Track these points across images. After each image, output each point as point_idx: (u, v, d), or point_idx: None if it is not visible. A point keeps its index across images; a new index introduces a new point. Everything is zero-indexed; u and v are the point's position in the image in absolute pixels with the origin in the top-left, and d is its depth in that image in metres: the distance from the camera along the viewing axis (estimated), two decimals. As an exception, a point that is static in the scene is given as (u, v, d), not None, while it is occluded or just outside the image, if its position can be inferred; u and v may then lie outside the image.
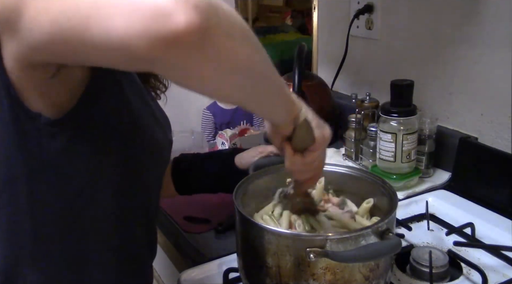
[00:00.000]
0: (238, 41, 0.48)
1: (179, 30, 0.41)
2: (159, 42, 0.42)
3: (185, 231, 1.03)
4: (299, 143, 0.70)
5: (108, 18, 0.43)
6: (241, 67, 0.50)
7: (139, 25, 0.42)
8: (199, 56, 0.44)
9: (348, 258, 0.65)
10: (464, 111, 1.20)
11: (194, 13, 0.42)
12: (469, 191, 1.12)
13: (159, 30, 0.41)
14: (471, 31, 1.15)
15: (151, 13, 0.41)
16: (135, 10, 0.42)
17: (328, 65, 1.64)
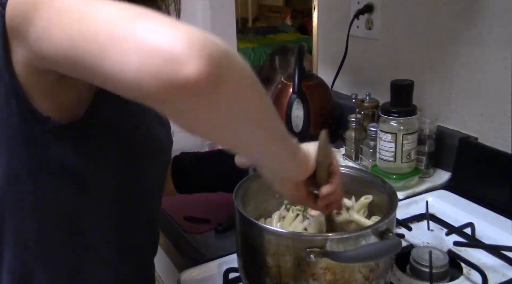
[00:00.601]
0: (249, 91, 0.48)
1: (189, 78, 0.42)
2: (169, 87, 0.42)
3: (185, 231, 1.03)
4: (325, 166, 0.67)
5: (125, 53, 0.43)
6: (251, 116, 0.50)
7: (153, 68, 0.42)
8: (208, 103, 0.44)
9: (348, 258, 0.65)
10: (464, 111, 1.20)
11: (207, 62, 0.42)
12: (469, 191, 1.12)
13: (171, 76, 0.42)
14: (471, 31, 1.15)
15: (166, 57, 0.42)
16: (151, 52, 0.42)
17: (328, 65, 1.64)
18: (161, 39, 0.42)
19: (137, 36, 0.43)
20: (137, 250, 0.78)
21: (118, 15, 0.45)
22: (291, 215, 0.83)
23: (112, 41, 0.44)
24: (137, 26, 0.43)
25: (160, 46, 0.42)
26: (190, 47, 0.42)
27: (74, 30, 0.46)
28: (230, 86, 0.45)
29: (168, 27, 0.43)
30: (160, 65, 0.42)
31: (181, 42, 0.42)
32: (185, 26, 0.43)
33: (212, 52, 0.42)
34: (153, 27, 0.43)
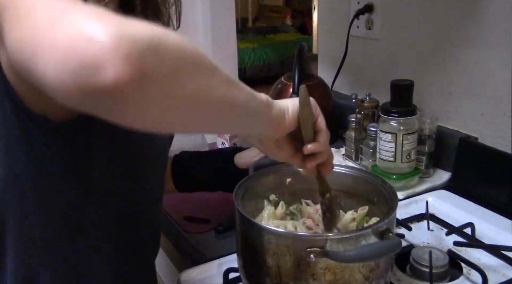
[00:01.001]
0: (186, 75, 0.44)
1: (109, 84, 0.38)
2: (88, 95, 0.39)
3: (185, 231, 1.03)
4: (310, 122, 0.64)
5: (44, 63, 0.40)
6: (195, 99, 0.46)
7: (68, 76, 0.39)
8: (139, 103, 0.41)
9: (348, 258, 0.65)
10: (464, 111, 1.20)
11: (125, 65, 0.38)
12: (469, 191, 1.12)
13: (88, 83, 0.39)
14: (471, 31, 1.15)
15: (80, 64, 0.38)
16: (65, 58, 0.39)
17: (328, 65, 1.64)
18: (73, 41, 0.39)
19: (53, 40, 0.40)
20: (138, 249, 0.79)
21: (46, 14, 0.42)
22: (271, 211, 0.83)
23: (35, 48, 0.41)
24: (57, 28, 0.40)
25: (72, 51, 0.39)
26: (104, 49, 0.38)
27: (17, 36, 0.44)
28: (159, 77, 0.41)
29: (86, 26, 0.39)
30: (74, 73, 0.39)
31: (94, 43, 0.38)
32: (104, 20, 0.40)
33: (131, 50, 0.39)
34: (70, 26, 0.40)
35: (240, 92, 0.53)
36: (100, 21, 0.39)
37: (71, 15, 0.41)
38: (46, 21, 0.41)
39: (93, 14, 0.41)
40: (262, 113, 0.59)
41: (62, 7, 0.42)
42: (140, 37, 0.40)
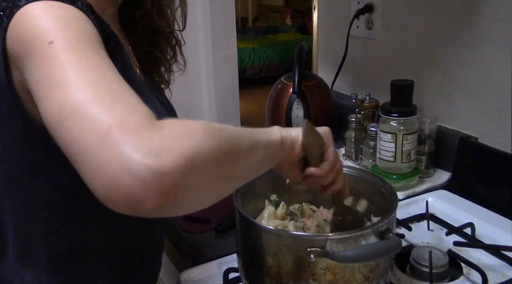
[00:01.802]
0: (216, 175, 0.51)
1: (150, 212, 0.45)
2: (135, 214, 0.46)
3: (185, 231, 1.03)
4: (315, 150, 0.70)
5: (91, 178, 0.46)
6: (224, 182, 0.54)
7: (116, 201, 0.45)
8: (173, 211, 0.48)
9: (348, 258, 0.65)
10: (464, 111, 1.20)
11: (163, 198, 0.45)
12: (469, 191, 1.12)
13: (132, 211, 0.46)
14: (471, 31, 1.15)
15: (126, 196, 0.44)
16: (112, 189, 0.45)
17: (328, 65, 1.64)
18: (120, 177, 0.44)
19: (100, 166, 0.45)
20: (140, 246, 0.78)
21: (90, 125, 0.46)
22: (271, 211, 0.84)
23: (82, 159, 0.47)
24: (102, 151, 0.45)
25: (119, 184, 0.44)
26: (147, 188, 0.44)
27: (53, 122, 0.49)
28: (192, 193, 0.48)
29: (128, 158, 0.44)
30: (121, 202, 0.45)
31: (138, 182, 0.44)
32: (146, 149, 0.45)
33: (168, 188, 0.45)
34: (115, 155, 0.45)
35: (261, 149, 0.60)
36: (141, 152, 0.44)
37: (114, 135, 0.45)
38: (90, 130, 0.46)
39: (133, 136, 0.45)
40: (279, 154, 0.67)
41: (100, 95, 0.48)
42: (176, 170, 0.45)
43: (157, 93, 0.80)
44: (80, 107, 0.47)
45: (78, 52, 0.51)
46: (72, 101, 0.48)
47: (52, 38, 0.51)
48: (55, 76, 0.50)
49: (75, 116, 0.47)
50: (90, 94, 0.48)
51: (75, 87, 0.49)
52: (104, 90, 0.49)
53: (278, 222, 0.81)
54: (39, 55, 0.51)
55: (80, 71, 0.50)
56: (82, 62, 0.51)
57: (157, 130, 0.46)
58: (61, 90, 0.49)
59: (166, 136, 0.46)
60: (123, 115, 0.47)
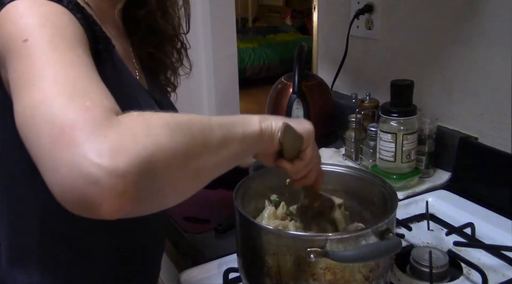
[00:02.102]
0: (181, 172, 0.49)
1: (108, 215, 0.44)
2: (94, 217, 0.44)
3: (185, 231, 1.03)
4: (291, 149, 0.69)
5: (47, 178, 0.45)
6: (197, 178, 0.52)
7: (73, 205, 0.44)
8: (138, 212, 0.46)
9: (348, 258, 0.65)
10: (464, 111, 1.20)
11: (119, 202, 0.43)
12: (469, 191, 1.12)
13: (90, 213, 0.44)
14: (471, 31, 1.15)
15: (80, 199, 0.43)
16: (67, 191, 0.43)
17: (328, 65, 1.64)
18: (73, 179, 0.42)
19: (54, 167, 0.44)
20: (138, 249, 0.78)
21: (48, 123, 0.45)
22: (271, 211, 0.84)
23: (39, 158, 0.45)
24: (56, 152, 0.44)
25: (73, 187, 0.43)
26: (101, 191, 0.42)
27: (20, 120, 0.48)
28: (156, 193, 0.46)
29: (81, 159, 0.43)
30: (77, 205, 0.44)
31: (91, 184, 0.42)
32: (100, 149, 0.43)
33: (123, 189, 0.43)
34: (69, 157, 0.43)
35: (233, 147, 0.57)
36: (95, 150, 0.43)
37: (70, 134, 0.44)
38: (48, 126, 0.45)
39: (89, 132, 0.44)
40: (256, 146, 0.63)
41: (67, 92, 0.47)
42: (131, 170, 0.43)
43: (158, 96, 0.80)
44: (39, 108, 0.47)
45: (51, 50, 0.50)
46: (33, 102, 0.47)
47: (27, 36, 0.51)
48: (25, 76, 0.49)
49: (34, 117, 0.47)
50: (51, 93, 0.47)
51: (39, 87, 0.48)
52: (67, 88, 0.47)
53: (278, 222, 0.81)
54: (15, 54, 0.51)
55: (47, 70, 0.49)
56: (53, 60, 0.50)
57: (114, 127, 0.45)
58: (26, 90, 0.49)
59: (123, 134, 0.44)
60: (79, 113, 0.45)
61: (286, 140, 0.67)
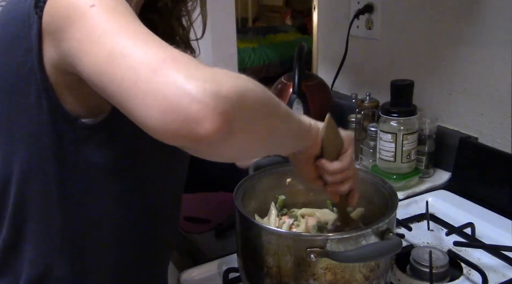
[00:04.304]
0: (261, 121, 0.54)
1: (205, 136, 0.47)
2: (188, 141, 0.48)
3: (185, 231, 1.03)
4: (332, 146, 0.70)
5: (146, 107, 0.47)
6: (264, 137, 0.56)
7: (173, 126, 0.46)
8: (223, 147, 0.50)
9: (349, 258, 0.65)
10: (464, 111, 1.20)
11: (220, 120, 0.46)
12: (469, 191, 1.12)
13: (188, 133, 0.47)
14: (471, 31, 1.15)
15: (184, 118, 0.46)
16: (170, 111, 0.46)
17: (328, 65, 1.64)
18: (178, 97, 0.46)
19: (156, 92, 0.46)
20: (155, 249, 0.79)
21: (144, 61, 0.48)
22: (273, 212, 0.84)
23: (135, 91, 0.48)
24: (160, 80, 0.47)
25: (177, 106, 0.46)
26: (205, 108, 0.46)
27: (102, 68, 0.50)
28: (242, 130, 0.50)
29: (186, 82, 0.46)
30: (178, 124, 0.46)
31: (196, 102, 0.46)
32: (202, 77, 0.47)
33: (224, 108, 0.46)
34: (173, 81, 0.46)
35: (295, 121, 0.63)
36: (198, 78, 0.47)
37: (169, 65, 0.47)
38: (141, 64, 0.48)
39: (187, 66, 0.48)
40: (307, 137, 0.68)
41: (147, 41, 0.51)
42: (231, 95, 0.47)
43: None
44: (131, 48, 0.49)
45: (118, 14, 0.53)
46: (122, 45, 0.50)
47: (93, 2, 0.53)
48: (98, 30, 0.52)
49: (126, 56, 0.49)
50: (138, 40, 0.50)
51: (122, 36, 0.51)
52: (150, 38, 0.51)
53: None
54: (81, 18, 0.53)
55: (124, 26, 0.52)
56: (122, 20, 0.53)
57: (206, 67, 0.49)
58: (107, 39, 0.51)
59: (217, 71, 0.49)
60: (172, 52, 0.49)
61: (328, 134, 0.69)
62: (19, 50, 0.60)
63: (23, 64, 0.60)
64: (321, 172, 0.72)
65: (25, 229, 0.67)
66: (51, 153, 0.63)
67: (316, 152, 0.70)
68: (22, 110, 0.63)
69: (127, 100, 0.49)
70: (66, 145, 0.63)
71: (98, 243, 0.71)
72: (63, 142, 0.63)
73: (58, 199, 0.66)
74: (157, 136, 0.48)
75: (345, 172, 0.72)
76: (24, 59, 0.60)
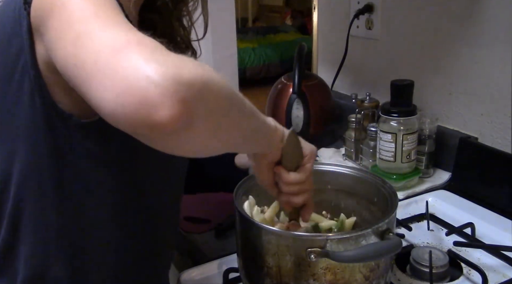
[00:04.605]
0: (223, 114, 0.51)
1: (163, 122, 0.44)
2: (144, 127, 0.45)
3: (185, 231, 1.03)
4: (291, 156, 0.71)
5: (104, 88, 0.45)
6: (225, 133, 0.53)
7: (128, 109, 0.44)
8: (181, 138, 0.47)
9: (349, 258, 0.65)
10: (464, 111, 1.20)
11: (179, 107, 0.44)
12: (469, 191, 1.12)
13: (145, 119, 0.44)
14: (471, 31, 1.15)
15: (140, 100, 0.43)
16: (126, 93, 0.44)
17: (328, 65, 1.64)
18: (136, 79, 0.44)
19: (114, 73, 0.45)
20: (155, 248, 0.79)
21: (108, 43, 0.47)
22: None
23: (94, 73, 0.46)
24: (119, 62, 0.45)
25: (134, 88, 0.43)
26: (163, 92, 0.43)
27: (68, 50, 0.49)
28: (202, 121, 0.47)
29: (146, 65, 0.44)
30: (134, 108, 0.44)
31: (154, 86, 0.43)
32: (162, 61, 0.45)
33: (185, 95, 0.44)
34: (134, 63, 0.44)
35: (259, 121, 0.62)
36: (160, 63, 0.44)
37: (132, 48, 0.46)
38: (105, 46, 0.46)
39: (151, 50, 0.46)
40: (270, 139, 0.67)
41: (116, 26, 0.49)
42: (193, 82, 0.45)
43: None
44: (98, 32, 0.48)
45: (98, 4, 0.52)
46: (90, 29, 0.49)
47: None
48: (73, 17, 0.51)
49: (92, 39, 0.48)
50: (108, 24, 0.49)
51: (93, 21, 0.50)
52: (121, 24, 0.50)
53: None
54: (60, 7, 0.52)
55: (99, 13, 0.51)
56: (99, 8, 0.52)
57: (174, 54, 0.47)
58: (79, 24, 0.50)
59: (184, 59, 0.47)
60: (141, 36, 0.48)
61: (289, 144, 0.69)
62: (13, 49, 0.60)
63: (17, 62, 0.60)
64: (277, 179, 0.73)
65: (22, 229, 0.67)
66: (46, 152, 0.63)
67: (276, 158, 0.70)
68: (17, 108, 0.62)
69: (85, 81, 0.47)
70: (61, 144, 0.63)
71: (97, 243, 0.70)
72: (58, 141, 0.63)
73: (54, 199, 0.66)
74: (111, 121, 0.46)
75: (300, 185, 0.72)
76: (18, 57, 0.60)
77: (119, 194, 0.70)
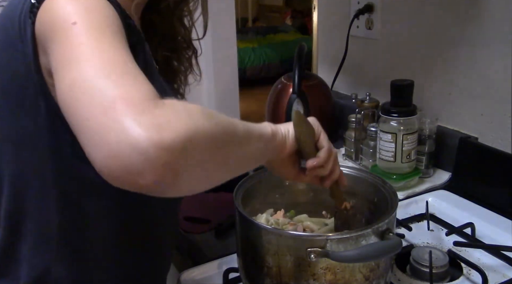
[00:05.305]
0: (213, 157, 0.52)
1: (147, 186, 0.47)
2: (132, 189, 0.48)
3: (185, 231, 1.03)
4: (308, 138, 0.70)
5: (93, 147, 0.48)
6: (222, 168, 0.55)
7: (114, 173, 0.47)
8: (172, 191, 0.49)
9: (349, 258, 0.65)
10: (464, 111, 1.20)
11: (163, 171, 0.46)
12: (469, 191, 1.12)
13: (131, 183, 0.47)
14: (471, 31, 1.15)
15: (125, 168, 0.46)
16: (112, 157, 0.46)
17: (328, 65, 1.64)
18: (121, 147, 0.45)
19: (102, 135, 0.47)
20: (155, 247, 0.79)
21: (97, 97, 0.48)
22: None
23: (86, 129, 0.48)
24: (106, 121, 0.47)
25: (118, 154, 0.46)
26: (146, 159, 0.45)
27: (63, 97, 0.52)
28: (191, 171, 0.49)
29: (130, 129, 0.46)
30: (119, 173, 0.46)
31: (137, 153, 0.45)
32: (149, 123, 0.46)
33: (168, 159, 0.46)
34: (118, 125, 0.46)
35: (255, 141, 0.62)
36: (144, 126, 0.46)
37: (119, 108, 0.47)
38: (96, 104, 0.48)
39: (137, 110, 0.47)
40: (270, 148, 0.67)
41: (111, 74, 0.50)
42: (176, 145, 0.46)
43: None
44: (90, 81, 0.50)
45: (98, 33, 0.54)
46: (84, 76, 0.50)
47: (76, 19, 0.54)
48: (73, 53, 0.52)
49: (84, 88, 0.50)
50: (101, 70, 0.51)
51: (89, 64, 0.51)
52: (116, 68, 0.51)
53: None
54: (62, 35, 0.54)
55: (97, 51, 0.52)
56: (100, 42, 0.53)
57: (160, 107, 0.48)
58: (75, 65, 0.51)
59: (168, 113, 0.48)
60: (128, 90, 0.49)
61: (300, 129, 0.69)
62: (17, 53, 0.60)
63: (21, 66, 0.61)
64: (315, 172, 0.73)
65: (22, 230, 0.67)
66: (49, 155, 0.64)
67: (291, 152, 0.70)
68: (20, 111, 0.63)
69: (79, 133, 0.50)
70: (64, 147, 0.63)
71: (98, 244, 0.70)
72: (61, 143, 0.63)
73: (56, 200, 0.66)
74: (104, 177, 0.48)
75: (332, 155, 0.73)
76: (22, 61, 0.60)
77: (120, 194, 0.69)
